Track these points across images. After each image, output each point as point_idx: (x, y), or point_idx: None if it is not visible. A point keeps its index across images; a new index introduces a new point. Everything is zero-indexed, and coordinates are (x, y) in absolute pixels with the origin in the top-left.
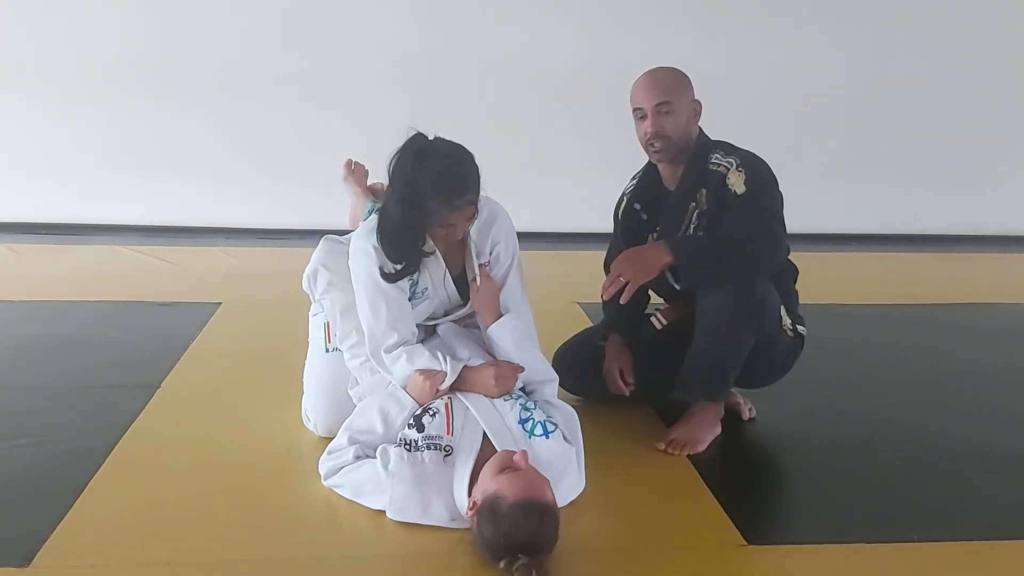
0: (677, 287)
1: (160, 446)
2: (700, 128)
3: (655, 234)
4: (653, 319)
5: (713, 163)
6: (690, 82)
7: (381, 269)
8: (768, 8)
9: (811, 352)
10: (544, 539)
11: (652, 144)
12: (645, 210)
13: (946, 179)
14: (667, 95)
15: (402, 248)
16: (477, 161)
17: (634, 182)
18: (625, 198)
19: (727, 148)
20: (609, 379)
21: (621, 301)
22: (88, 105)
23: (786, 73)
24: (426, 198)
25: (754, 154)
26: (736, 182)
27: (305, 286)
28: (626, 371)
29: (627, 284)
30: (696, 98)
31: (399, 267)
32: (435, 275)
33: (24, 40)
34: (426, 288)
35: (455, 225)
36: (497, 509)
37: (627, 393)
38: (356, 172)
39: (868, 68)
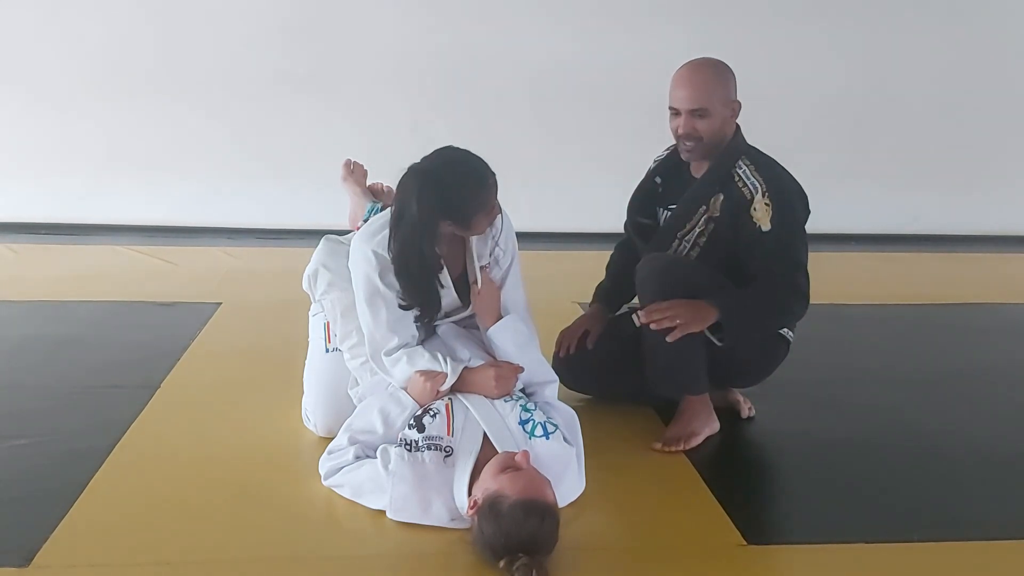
0: (719, 344)
1: (160, 446)
2: (738, 126)
3: (667, 211)
4: (633, 316)
5: (738, 176)
6: (732, 77)
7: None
8: (767, 8)
9: (811, 352)
10: (544, 539)
11: (684, 143)
12: (664, 185)
13: (946, 179)
14: (703, 101)
15: (424, 285)
16: None
17: (667, 152)
18: (654, 163)
19: (756, 160)
20: (568, 333)
21: (669, 339)
22: (88, 105)
23: (786, 73)
24: (469, 206)
25: (782, 177)
26: (762, 217)
27: (305, 286)
28: (584, 338)
29: (678, 325)
30: (735, 98)
31: (420, 305)
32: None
33: (24, 40)
34: None
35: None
36: (498, 508)
37: (560, 354)
38: (355, 172)
39: (868, 68)
